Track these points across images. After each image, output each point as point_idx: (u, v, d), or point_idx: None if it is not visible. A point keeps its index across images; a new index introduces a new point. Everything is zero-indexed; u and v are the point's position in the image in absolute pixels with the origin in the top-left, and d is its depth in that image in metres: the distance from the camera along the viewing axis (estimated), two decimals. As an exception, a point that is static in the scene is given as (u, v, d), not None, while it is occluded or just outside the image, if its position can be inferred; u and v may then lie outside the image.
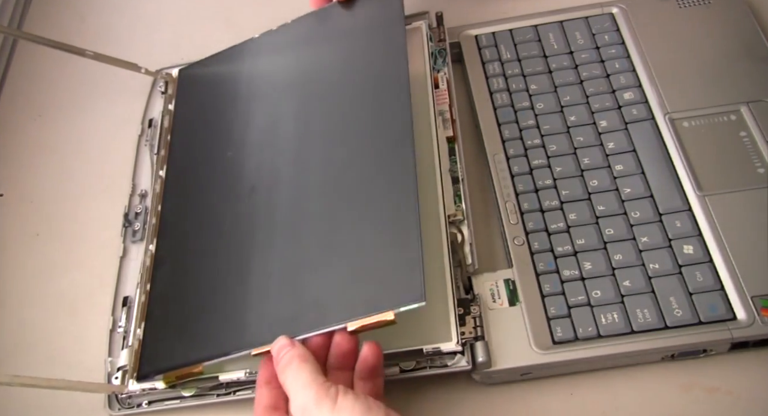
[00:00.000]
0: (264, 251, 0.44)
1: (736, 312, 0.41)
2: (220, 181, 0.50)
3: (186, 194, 0.51)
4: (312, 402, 0.35)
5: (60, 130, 0.59)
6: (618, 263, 0.43)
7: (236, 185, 0.49)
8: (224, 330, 0.43)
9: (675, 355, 0.41)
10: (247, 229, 0.46)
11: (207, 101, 0.55)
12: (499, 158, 0.49)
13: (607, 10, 0.54)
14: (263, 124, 0.50)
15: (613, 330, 0.41)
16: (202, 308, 0.45)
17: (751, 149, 0.46)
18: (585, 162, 0.48)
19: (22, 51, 0.65)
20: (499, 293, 0.44)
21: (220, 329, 0.43)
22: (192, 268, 0.47)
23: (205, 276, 0.46)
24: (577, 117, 0.50)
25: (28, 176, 0.57)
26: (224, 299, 0.44)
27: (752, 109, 0.48)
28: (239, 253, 0.45)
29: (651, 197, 0.45)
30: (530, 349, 0.41)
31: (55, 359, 0.48)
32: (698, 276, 0.42)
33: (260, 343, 0.40)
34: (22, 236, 0.54)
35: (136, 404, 0.44)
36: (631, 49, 0.52)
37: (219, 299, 0.44)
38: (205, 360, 0.42)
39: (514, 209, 0.47)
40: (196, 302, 0.45)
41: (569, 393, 0.42)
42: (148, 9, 0.66)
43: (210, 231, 0.47)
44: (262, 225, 0.46)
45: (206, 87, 0.56)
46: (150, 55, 0.60)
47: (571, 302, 0.43)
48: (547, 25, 0.55)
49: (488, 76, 0.53)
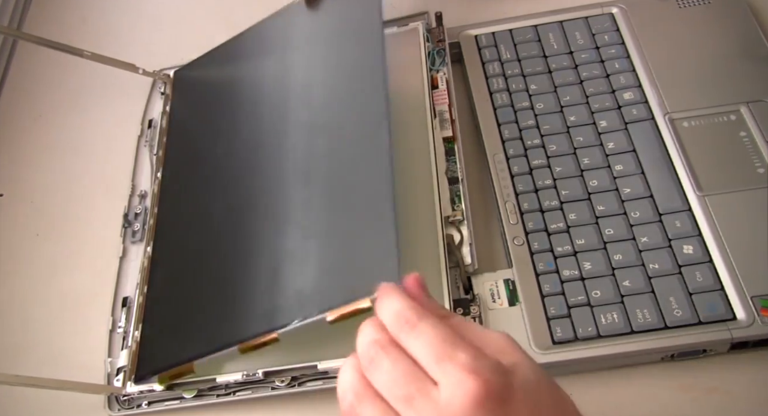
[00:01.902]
0: (253, 248, 0.44)
1: (735, 312, 0.41)
2: (212, 181, 0.50)
3: (180, 195, 0.51)
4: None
5: (60, 130, 0.59)
6: (618, 263, 0.43)
7: (227, 183, 0.49)
8: (214, 328, 0.43)
9: (675, 355, 0.41)
10: (237, 227, 0.46)
11: (200, 102, 0.55)
12: (498, 158, 0.49)
13: (607, 10, 0.54)
14: (251, 123, 0.50)
15: (612, 330, 0.41)
16: (195, 309, 0.45)
17: (751, 149, 0.46)
18: (585, 162, 0.48)
19: (22, 51, 0.65)
20: (498, 294, 0.44)
21: (210, 327, 0.43)
22: (186, 269, 0.47)
23: (199, 276, 0.46)
24: (577, 117, 0.50)
25: (28, 176, 0.57)
26: (216, 298, 0.44)
27: (752, 109, 0.48)
28: (230, 252, 0.45)
29: (651, 197, 0.45)
30: (530, 349, 0.41)
31: (56, 359, 0.48)
32: (698, 276, 0.42)
33: (246, 337, 0.40)
34: (22, 236, 0.54)
35: (135, 404, 0.45)
36: (631, 49, 0.52)
37: (211, 298, 0.44)
38: (195, 358, 0.42)
39: (514, 209, 0.47)
40: (190, 303, 0.45)
41: (569, 393, 0.42)
42: (149, 9, 0.66)
43: (203, 231, 0.48)
44: (252, 222, 0.46)
45: (199, 88, 0.56)
46: (150, 55, 0.60)
47: (570, 302, 0.42)
48: (547, 25, 0.55)
49: (488, 76, 0.53)
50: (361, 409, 0.28)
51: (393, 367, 0.28)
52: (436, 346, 0.27)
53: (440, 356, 0.27)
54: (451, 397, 0.26)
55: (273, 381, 0.43)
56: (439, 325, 0.28)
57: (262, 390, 0.43)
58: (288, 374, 0.43)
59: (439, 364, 0.27)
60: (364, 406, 0.28)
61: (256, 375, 0.42)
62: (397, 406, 0.27)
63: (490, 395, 0.26)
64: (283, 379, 0.43)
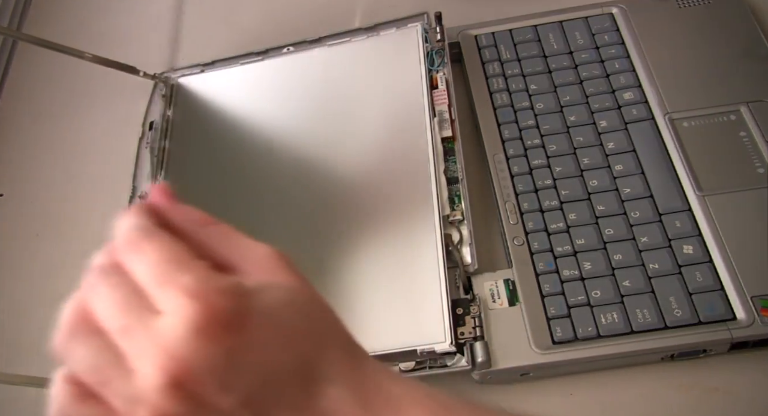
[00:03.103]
0: None
1: (735, 312, 0.41)
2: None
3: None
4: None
5: (60, 130, 0.59)
6: (618, 263, 0.43)
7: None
8: None
9: (675, 355, 0.41)
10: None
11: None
12: (498, 158, 0.49)
13: (607, 10, 0.54)
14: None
15: (612, 330, 0.41)
16: None
17: (750, 149, 0.46)
18: (585, 162, 0.48)
19: (22, 52, 0.65)
20: (498, 294, 0.44)
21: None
22: None
23: None
24: (576, 117, 0.50)
25: (28, 176, 0.57)
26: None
27: (752, 109, 0.47)
28: None
29: (651, 197, 0.45)
30: (530, 349, 0.41)
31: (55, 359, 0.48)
32: (698, 276, 0.42)
33: None
34: (22, 236, 0.54)
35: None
36: (631, 49, 0.52)
37: None
38: None
39: (514, 209, 0.47)
40: None
41: (569, 393, 0.42)
42: (149, 10, 0.66)
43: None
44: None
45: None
46: (151, 56, 0.60)
47: (570, 302, 0.42)
48: (547, 25, 0.55)
49: (488, 76, 0.53)
50: (70, 348, 0.24)
51: (110, 294, 0.24)
52: (160, 268, 0.24)
53: (162, 279, 0.23)
54: (169, 325, 0.22)
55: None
56: (168, 245, 0.24)
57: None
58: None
59: (161, 288, 0.23)
60: (73, 345, 0.24)
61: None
62: (116, 340, 0.23)
63: (212, 320, 0.22)
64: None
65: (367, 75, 0.52)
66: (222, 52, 0.57)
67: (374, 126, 0.50)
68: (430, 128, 0.48)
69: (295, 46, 0.56)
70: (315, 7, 0.62)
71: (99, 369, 0.23)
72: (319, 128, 0.51)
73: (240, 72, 0.56)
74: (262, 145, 0.51)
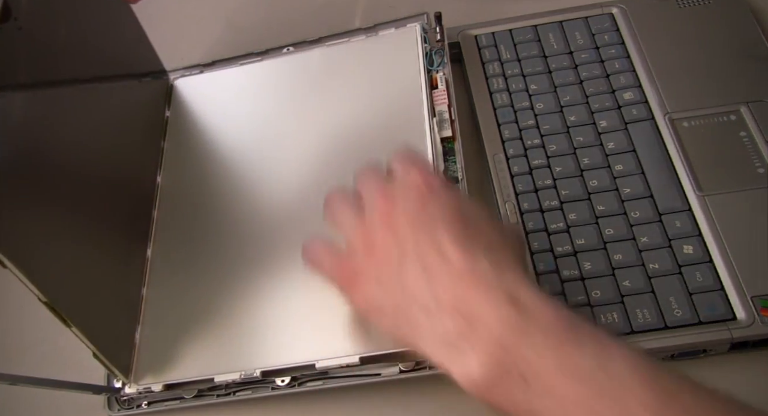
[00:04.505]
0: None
1: (735, 312, 0.41)
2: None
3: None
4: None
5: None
6: (618, 263, 0.43)
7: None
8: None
9: (675, 355, 0.41)
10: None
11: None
12: (498, 158, 0.49)
13: (607, 10, 0.54)
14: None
15: (613, 330, 0.41)
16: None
17: (751, 149, 0.46)
18: (585, 162, 0.48)
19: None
20: (498, 294, 0.44)
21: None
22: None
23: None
24: (576, 117, 0.50)
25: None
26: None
27: (752, 109, 0.48)
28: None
29: (651, 197, 0.45)
30: (530, 349, 0.41)
31: (55, 359, 0.48)
32: (698, 276, 0.42)
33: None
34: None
35: (135, 405, 0.45)
36: (631, 49, 0.52)
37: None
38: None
39: (514, 209, 0.47)
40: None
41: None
42: (149, 10, 0.66)
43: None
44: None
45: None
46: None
47: (570, 302, 0.42)
48: (547, 25, 0.55)
49: (488, 76, 0.53)
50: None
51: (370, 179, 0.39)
52: (409, 160, 0.39)
53: (406, 164, 0.39)
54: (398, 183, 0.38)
55: (273, 381, 0.43)
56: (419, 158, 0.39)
57: (262, 390, 0.43)
58: (287, 374, 0.43)
59: (402, 165, 0.38)
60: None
61: (254, 375, 0.42)
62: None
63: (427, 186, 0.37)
64: (283, 379, 0.43)
65: (367, 75, 0.52)
66: (222, 52, 0.57)
67: (374, 126, 0.50)
68: (430, 128, 0.48)
69: (295, 47, 0.56)
70: (315, 7, 0.62)
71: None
72: (318, 128, 0.51)
73: (239, 72, 0.56)
74: (262, 145, 0.51)
